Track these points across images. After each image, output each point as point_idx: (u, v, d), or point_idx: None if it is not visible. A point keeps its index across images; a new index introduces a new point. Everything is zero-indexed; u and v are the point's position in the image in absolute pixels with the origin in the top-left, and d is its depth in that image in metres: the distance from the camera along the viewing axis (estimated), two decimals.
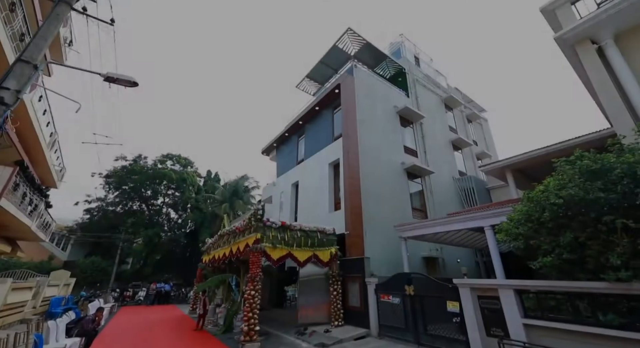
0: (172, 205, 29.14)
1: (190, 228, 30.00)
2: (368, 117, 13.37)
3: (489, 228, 7.53)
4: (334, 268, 9.81)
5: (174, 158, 29.55)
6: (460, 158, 18.03)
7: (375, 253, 10.73)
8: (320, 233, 9.93)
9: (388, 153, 13.50)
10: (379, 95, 14.54)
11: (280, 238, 8.88)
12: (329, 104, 15.01)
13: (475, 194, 15.40)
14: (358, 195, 11.36)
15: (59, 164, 14.93)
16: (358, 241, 10.61)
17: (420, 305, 7.01)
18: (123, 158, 26.83)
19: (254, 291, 7.88)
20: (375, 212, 11.66)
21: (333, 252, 9.91)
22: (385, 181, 12.74)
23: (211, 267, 14.09)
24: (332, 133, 14.27)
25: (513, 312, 5.13)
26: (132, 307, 18.87)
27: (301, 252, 9.27)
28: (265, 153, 21.06)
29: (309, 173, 14.85)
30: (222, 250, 11.32)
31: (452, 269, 13.18)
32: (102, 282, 23.99)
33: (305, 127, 16.97)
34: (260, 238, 8.40)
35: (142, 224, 26.87)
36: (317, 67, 17.46)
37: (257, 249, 8.18)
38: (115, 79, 5.22)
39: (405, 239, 10.07)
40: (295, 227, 9.37)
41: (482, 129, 21.50)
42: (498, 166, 10.19)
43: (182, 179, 27.18)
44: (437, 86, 18.83)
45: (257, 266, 8.09)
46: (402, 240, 10.09)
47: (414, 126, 15.72)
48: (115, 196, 27.46)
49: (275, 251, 8.65)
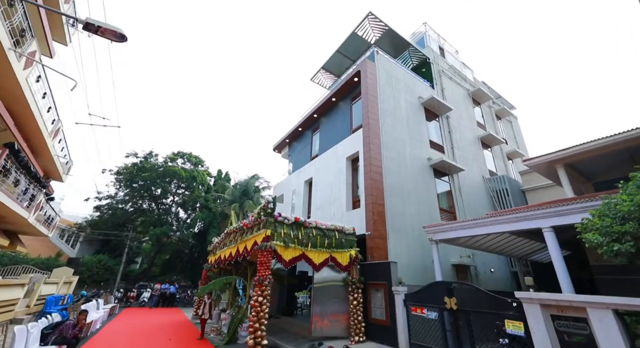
0: (181, 204, 28.49)
1: (199, 228, 29.28)
2: (390, 107, 12.14)
3: (549, 230, 6.10)
4: (353, 273, 8.51)
5: (184, 156, 29.02)
6: (490, 157, 16.44)
7: (399, 257, 9.39)
8: (338, 233, 8.68)
9: (413, 146, 12.18)
10: (402, 84, 13.29)
11: (293, 236, 7.69)
12: (346, 95, 13.86)
13: (509, 196, 13.79)
14: (380, 191, 10.08)
15: (64, 155, 14.32)
16: (381, 243, 9.30)
17: (466, 322, 5.63)
18: (134, 154, 26.43)
19: (262, 297, 6.68)
20: (399, 211, 10.33)
21: (353, 255, 8.62)
22: (410, 177, 11.41)
23: (217, 268, 13.01)
24: (350, 124, 13.08)
25: (613, 342, 3.73)
26: (134, 309, 17.99)
27: (316, 253, 8.03)
28: (276, 149, 20.06)
29: (324, 168, 13.67)
30: (229, 249, 10.22)
31: (485, 279, 11.61)
32: (108, 281, 23.39)
33: (320, 121, 15.86)
34: (270, 235, 7.23)
35: (150, 223, 26.30)
36: (333, 58, 16.40)
37: (267, 247, 7.01)
38: (98, 28, 4.22)
39: (436, 242, 8.68)
40: (310, 224, 8.16)
41: (512, 127, 19.79)
42: (546, 160, 8.70)
43: (192, 177, 26.50)
44: (464, 79, 17.40)
45: (265, 267, 6.92)
46: (433, 243, 8.70)
47: (440, 120, 14.35)
48: (125, 194, 27.05)
49: (287, 252, 7.45)
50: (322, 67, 17.23)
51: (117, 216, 26.31)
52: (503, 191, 14.19)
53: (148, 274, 28.41)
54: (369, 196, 9.94)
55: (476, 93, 17.14)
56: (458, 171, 12.99)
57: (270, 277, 6.90)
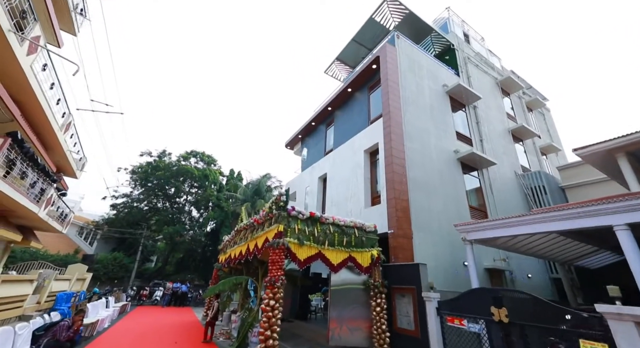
0: (194, 203, 28.38)
1: (211, 227, 29.09)
2: (413, 94, 11.13)
3: (623, 228, 4.98)
4: (376, 275, 7.57)
5: (197, 155, 28.92)
6: (521, 152, 15.03)
7: (426, 258, 8.38)
8: (358, 230, 7.78)
9: (438, 137, 11.11)
10: (424, 71, 12.24)
11: (308, 232, 6.87)
12: (363, 84, 12.95)
13: (547, 194, 12.41)
14: (404, 185, 9.11)
15: (77, 151, 14.19)
16: (405, 243, 8.32)
17: (521, 339, 4.60)
18: (148, 153, 26.53)
19: (274, 300, 5.89)
20: (424, 207, 9.31)
21: (375, 255, 7.69)
22: (436, 171, 10.35)
23: (227, 268, 12.39)
24: (367, 115, 12.16)
25: None
26: (146, 308, 17.73)
27: (334, 253, 7.18)
28: (289, 146, 19.38)
29: (339, 163, 12.81)
30: (239, 247, 9.54)
31: (522, 286, 10.35)
32: (122, 279, 23.42)
33: (334, 114, 15.01)
34: (282, 231, 6.44)
35: (164, 222, 26.28)
36: (349, 47, 15.54)
37: (279, 245, 6.22)
38: None
39: (471, 242, 7.62)
40: (327, 220, 7.32)
41: (545, 120, 18.17)
42: (603, 149, 7.44)
43: (205, 175, 26.31)
44: (491, 67, 16.06)
45: (278, 267, 6.12)
46: (467, 244, 7.64)
47: (466, 110, 13.16)
48: (140, 193, 27.21)
49: (301, 250, 6.64)
50: (337, 58, 16.39)
51: (133, 214, 26.47)
52: (539, 188, 12.81)
53: (162, 272, 28.40)
54: (391, 190, 8.98)
55: (505, 82, 15.78)
56: (489, 166, 11.77)
57: (283, 278, 6.11)
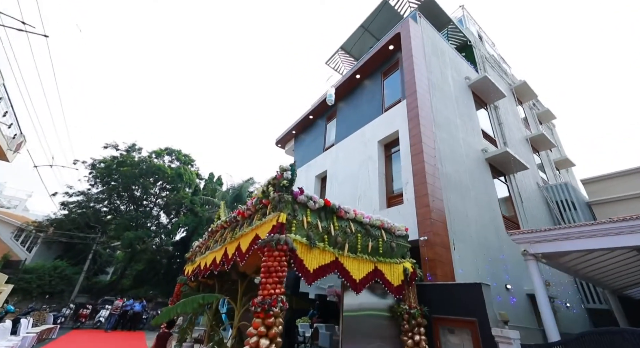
0: (164, 206, 24.89)
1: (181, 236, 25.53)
2: (438, 80, 9.48)
3: None
4: (411, 299, 5.28)
5: (173, 153, 25.76)
6: (538, 163, 13.74)
7: (466, 276, 6.27)
8: (386, 233, 5.54)
9: (465, 132, 9.40)
10: (447, 58, 10.75)
11: (322, 229, 4.56)
12: (375, 69, 11.22)
13: (577, 210, 10.90)
14: (437, 180, 7.11)
15: (9, 124, 11.16)
16: (444, 255, 6.18)
17: None
18: (114, 146, 23.11)
19: (267, 337, 3.42)
20: (459, 211, 7.32)
21: (409, 269, 5.43)
22: (466, 169, 8.52)
23: (195, 282, 9.53)
24: (381, 103, 10.32)
25: None
26: (84, 332, 13.97)
27: (356, 263, 4.86)
28: (279, 144, 17.12)
29: (343, 158, 10.73)
30: (213, 253, 6.88)
31: (563, 317, 8.39)
32: (62, 293, 19.20)
33: (337, 106, 13.12)
34: (285, 224, 4.10)
35: (125, 226, 22.52)
36: (356, 35, 14.00)
37: (279, 243, 3.83)
38: None
39: (536, 257, 5.61)
40: (348, 214, 5.03)
41: (553, 135, 17.34)
42: None
43: (179, 174, 23.16)
44: (505, 73, 15.09)
45: (275, 280, 3.70)
46: (530, 259, 5.61)
47: (488, 109, 11.73)
48: (100, 191, 23.46)
49: (311, 255, 4.28)
50: (341, 47, 14.78)
51: (87, 216, 22.50)
52: (567, 202, 11.32)
53: (117, 287, 24.21)
54: (422, 185, 6.92)
55: (519, 89, 14.76)
56: (520, 170, 10.17)
57: (284, 299, 3.68)
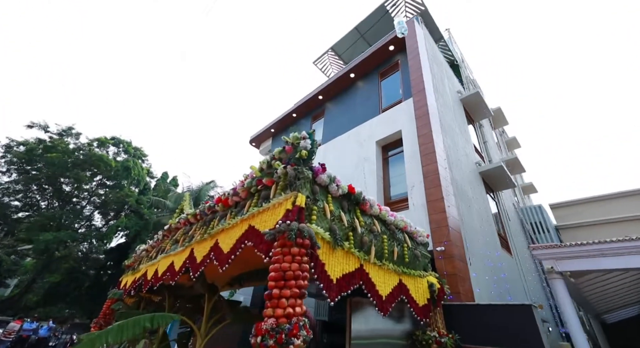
0: (100, 205, 20.92)
1: (119, 242, 21.55)
2: (440, 86, 9.12)
3: None
4: (438, 323, 4.14)
5: (121, 144, 22.19)
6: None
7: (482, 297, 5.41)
8: (410, 238, 4.44)
9: (464, 142, 9.05)
10: (443, 69, 10.64)
11: (347, 224, 3.29)
12: (372, 70, 10.64)
13: (549, 232, 11.15)
14: (449, 183, 6.35)
15: None
16: (462, 269, 5.26)
17: None
18: (43, 127, 19.02)
19: None
20: (470, 223, 6.60)
21: (436, 285, 4.34)
22: (467, 179, 8.01)
23: (134, 298, 7.26)
24: (378, 104, 9.61)
25: None
26: None
27: (382, 272, 3.59)
28: (254, 142, 15.52)
29: (333, 159, 9.64)
30: (168, 257, 5.03)
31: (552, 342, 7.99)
32: None
33: (325, 105, 12.22)
34: (303, 208, 2.75)
35: (42, 226, 18.17)
36: (348, 37, 13.52)
37: (300, 234, 2.46)
38: None
39: (562, 276, 4.96)
40: (372, 209, 3.83)
41: None
42: None
43: (125, 167, 19.77)
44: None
45: (294, 287, 2.28)
46: (556, 278, 4.95)
47: (475, 126, 11.79)
48: (13, 181, 18.92)
49: (335, 258, 2.92)
50: (331, 48, 14.16)
51: None
52: (540, 224, 11.57)
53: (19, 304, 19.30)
54: (434, 189, 6.07)
55: (496, 115, 15.48)
56: (508, 188, 10.08)
57: (307, 323, 2.28)
